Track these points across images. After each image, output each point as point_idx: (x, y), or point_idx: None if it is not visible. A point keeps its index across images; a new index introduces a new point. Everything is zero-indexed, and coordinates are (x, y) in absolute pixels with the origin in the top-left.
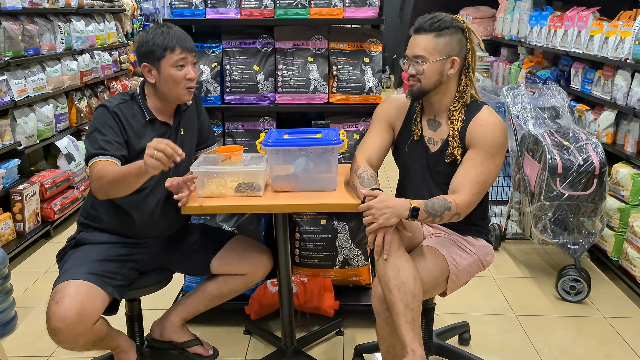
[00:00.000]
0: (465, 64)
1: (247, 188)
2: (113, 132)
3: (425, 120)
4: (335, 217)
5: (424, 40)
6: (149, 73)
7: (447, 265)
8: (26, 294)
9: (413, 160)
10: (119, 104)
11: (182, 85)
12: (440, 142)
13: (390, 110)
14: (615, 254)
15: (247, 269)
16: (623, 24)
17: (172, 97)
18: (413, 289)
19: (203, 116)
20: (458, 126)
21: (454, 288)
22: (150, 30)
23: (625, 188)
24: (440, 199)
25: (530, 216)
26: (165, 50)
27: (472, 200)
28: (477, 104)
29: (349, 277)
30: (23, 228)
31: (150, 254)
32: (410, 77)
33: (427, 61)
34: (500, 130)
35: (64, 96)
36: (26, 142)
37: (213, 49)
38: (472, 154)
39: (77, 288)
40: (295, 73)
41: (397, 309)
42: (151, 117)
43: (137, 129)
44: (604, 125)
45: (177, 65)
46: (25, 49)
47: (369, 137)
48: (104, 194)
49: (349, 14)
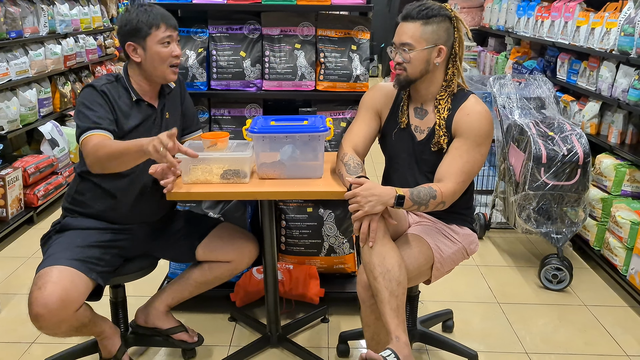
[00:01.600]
0: (452, 53)
1: (233, 175)
2: (103, 109)
3: (412, 108)
4: (322, 204)
5: (411, 28)
6: (134, 52)
7: (432, 253)
8: (9, 280)
9: (399, 148)
10: (106, 84)
11: (168, 62)
12: (426, 131)
13: (377, 97)
14: (597, 243)
15: (232, 256)
16: (609, 15)
17: (157, 75)
18: (398, 276)
19: (187, 101)
20: (444, 115)
21: (438, 276)
22: (133, 9)
23: (608, 178)
24: (425, 187)
25: (515, 205)
26: (150, 28)
27: (458, 189)
28: (463, 92)
29: (334, 265)
30: (6, 214)
31: (135, 240)
32: (397, 65)
33: (413, 49)
34: (486, 119)
35: (47, 80)
36: (9, 127)
37: (199, 34)
38: (458, 143)
39: (60, 274)
40: (282, 60)
41: (382, 297)
42: (138, 98)
43: (124, 109)
44: (589, 116)
45: (164, 42)
46: (8, 31)
47: (355, 125)
48: (100, 167)
49: (337, 0)
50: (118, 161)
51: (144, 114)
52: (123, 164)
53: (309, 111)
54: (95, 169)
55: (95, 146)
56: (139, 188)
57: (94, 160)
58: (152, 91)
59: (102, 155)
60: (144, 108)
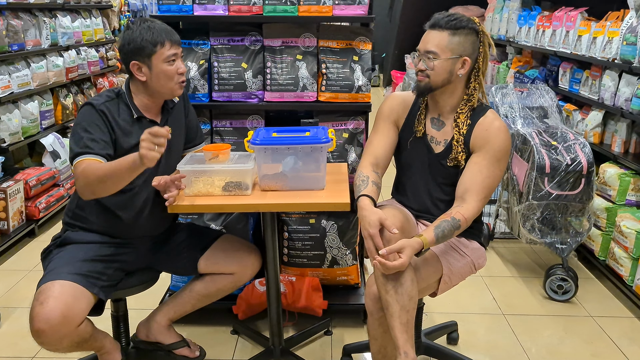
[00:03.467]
0: (475, 67)
1: (235, 187)
2: (100, 131)
3: (428, 118)
4: (324, 216)
5: (437, 37)
6: (139, 71)
7: (441, 266)
8: (9, 293)
9: (414, 157)
10: (106, 102)
11: (175, 79)
12: (443, 143)
13: (395, 107)
14: (602, 253)
15: (235, 269)
16: (611, 25)
17: (164, 92)
18: (410, 290)
19: (191, 115)
20: (464, 130)
21: (445, 289)
22: (135, 27)
23: (613, 188)
24: (448, 220)
25: (519, 215)
26: (155, 46)
27: (480, 206)
28: (482, 107)
29: (337, 277)
30: (7, 226)
31: (137, 253)
32: (419, 71)
33: (438, 57)
34: (505, 135)
35: (49, 93)
36: (10, 139)
37: (201, 45)
38: (477, 158)
39: (61, 289)
40: (284, 71)
41: (392, 310)
42: (139, 115)
43: (124, 128)
44: (592, 125)
45: (169, 60)
46: (10, 44)
47: (375, 138)
48: (90, 192)
49: (339, 11)
50: (111, 181)
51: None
52: (116, 183)
53: (311, 122)
54: (85, 195)
55: (85, 171)
56: (140, 203)
57: (83, 185)
58: (155, 107)
59: (93, 179)
60: (145, 125)
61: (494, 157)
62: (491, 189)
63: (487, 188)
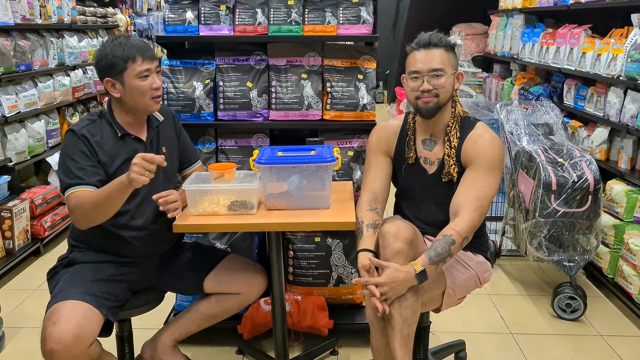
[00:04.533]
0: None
1: (240, 206)
2: (85, 157)
3: (419, 141)
4: (329, 234)
5: (438, 54)
6: (113, 87)
7: (444, 278)
8: (14, 313)
9: (411, 182)
10: (87, 125)
11: (149, 95)
12: (436, 162)
13: (383, 137)
14: (611, 271)
15: (241, 288)
16: (615, 42)
17: (139, 108)
18: (413, 304)
19: (183, 135)
20: (455, 143)
21: (449, 304)
22: (108, 44)
23: (620, 205)
24: (440, 239)
25: (525, 233)
26: (126, 62)
27: (475, 216)
28: (470, 121)
29: (343, 295)
30: (12, 245)
31: (144, 273)
32: (424, 92)
33: (445, 74)
34: (495, 145)
35: (55, 112)
36: (17, 159)
37: (206, 65)
38: (469, 172)
39: (73, 309)
40: (288, 90)
41: (394, 323)
42: (123, 133)
43: (109, 149)
44: (598, 142)
45: (142, 76)
46: (17, 64)
47: (369, 172)
48: (87, 222)
49: (343, 31)
50: (104, 207)
51: (131, 147)
52: (109, 208)
53: (316, 141)
54: (81, 225)
55: (78, 202)
56: (141, 223)
57: (80, 216)
58: (137, 124)
59: (88, 208)
60: (130, 142)
61: (487, 167)
62: (486, 198)
63: (481, 198)
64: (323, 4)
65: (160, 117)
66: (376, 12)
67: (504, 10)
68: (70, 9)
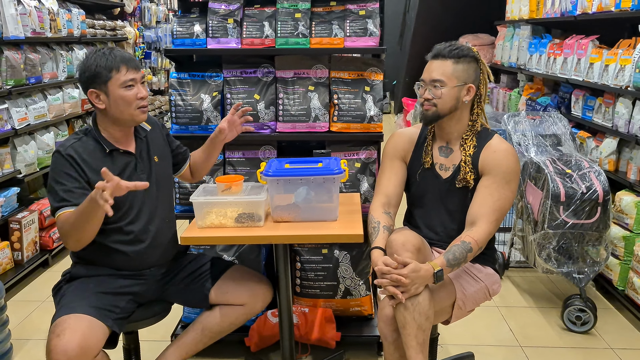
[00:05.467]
0: (477, 93)
1: (248, 218)
2: (71, 179)
3: (436, 147)
4: (337, 246)
5: (442, 66)
6: (97, 99)
7: (454, 289)
8: (23, 324)
9: (424, 188)
10: (73, 144)
11: (134, 105)
12: (452, 168)
13: (399, 144)
14: (621, 283)
15: (245, 299)
16: (623, 52)
17: (125, 119)
18: (427, 310)
19: (170, 139)
20: (470, 152)
21: (459, 315)
22: (91, 55)
23: (629, 216)
24: (458, 244)
25: (534, 244)
26: (110, 71)
27: (492, 228)
28: (487, 132)
29: (350, 308)
30: (21, 257)
31: (149, 284)
32: (425, 101)
33: (445, 85)
34: (512, 156)
35: (64, 124)
36: (26, 170)
37: (214, 77)
38: (487, 181)
39: (77, 321)
40: (296, 102)
41: (409, 329)
42: (111, 148)
43: (96, 166)
44: (606, 153)
45: (127, 86)
46: (27, 77)
47: (383, 177)
48: (74, 242)
49: (350, 43)
50: (83, 225)
51: (121, 162)
52: (89, 225)
53: (323, 153)
54: (71, 246)
55: (62, 224)
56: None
57: (65, 237)
58: (125, 137)
59: (69, 228)
60: (119, 157)
61: (504, 179)
62: (502, 211)
63: (498, 210)
64: (330, 17)
65: (148, 127)
66: (383, 24)
67: (511, 21)
68: (80, 22)
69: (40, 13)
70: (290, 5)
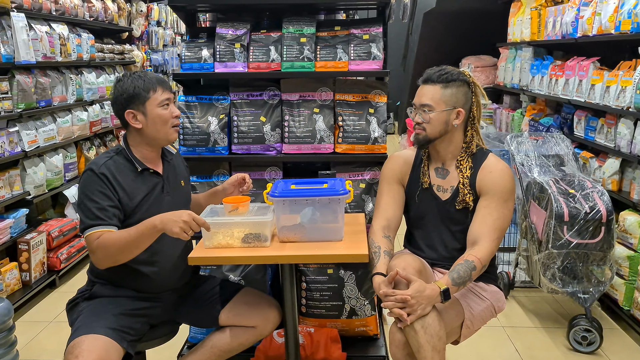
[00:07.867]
0: (470, 116)
1: (254, 239)
2: (105, 197)
3: (432, 169)
4: (342, 266)
5: (430, 90)
6: (134, 119)
7: (462, 309)
8: (30, 345)
9: (424, 209)
10: (106, 162)
11: (170, 123)
12: (450, 190)
13: (396, 167)
14: (627, 303)
15: (256, 322)
16: (623, 74)
17: (160, 138)
18: (438, 330)
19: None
20: (467, 174)
21: (467, 335)
22: (126, 79)
23: (634, 236)
24: (462, 263)
25: (539, 264)
26: (148, 92)
27: (494, 246)
28: (482, 152)
29: (356, 328)
30: (29, 278)
31: (164, 307)
32: (416, 124)
33: (433, 110)
34: (508, 176)
35: (73, 146)
36: (35, 192)
37: (221, 100)
38: (485, 202)
39: (94, 342)
40: (301, 124)
41: (424, 353)
42: (143, 168)
43: (127, 185)
44: (609, 173)
45: (163, 105)
46: (38, 100)
47: (382, 200)
48: (110, 263)
49: (354, 66)
50: (130, 250)
51: (151, 183)
52: (137, 249)
53: (328, 173)
54: (103, 265)
55: (102, 244)
56: (163, 258)
57: (103, 257)
58: (155, 157)
59: (114, 251)
60: (149, 177)
61: (501, 198)
62: (502, 229)
63: (499, 229)
64: (334, 41)
65: (173, 150)
66: (386, 48)
67: (513, 43)
68: (89, 47)
69: (51, 38)
70: (296, 30)
